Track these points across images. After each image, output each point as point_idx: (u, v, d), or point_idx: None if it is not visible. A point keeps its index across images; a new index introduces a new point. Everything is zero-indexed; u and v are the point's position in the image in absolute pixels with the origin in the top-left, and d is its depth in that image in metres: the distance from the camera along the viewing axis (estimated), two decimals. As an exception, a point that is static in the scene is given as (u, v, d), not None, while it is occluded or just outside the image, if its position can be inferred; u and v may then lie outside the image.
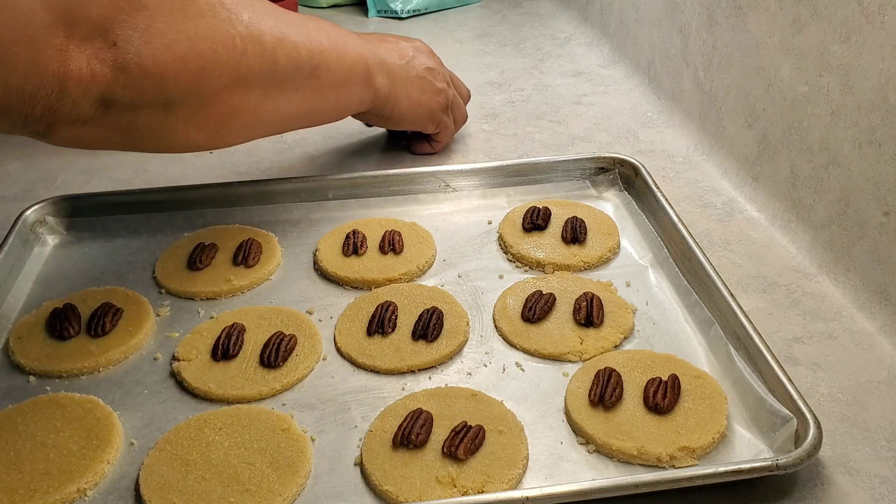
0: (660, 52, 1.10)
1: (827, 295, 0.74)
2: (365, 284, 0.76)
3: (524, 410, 0.62)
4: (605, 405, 0.60)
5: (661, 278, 0.75)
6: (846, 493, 0.55)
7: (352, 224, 0.83)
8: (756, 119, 0.87)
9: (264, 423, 0.60)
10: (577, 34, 1.39)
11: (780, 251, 0.80)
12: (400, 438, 0.58)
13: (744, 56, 0.89)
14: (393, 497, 0.55)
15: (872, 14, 0.69)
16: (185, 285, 0.76)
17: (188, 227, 0.85)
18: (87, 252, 0.82)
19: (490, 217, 0.85)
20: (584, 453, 0.59)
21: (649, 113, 1.09)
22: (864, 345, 0.68)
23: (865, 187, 0.71)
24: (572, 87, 1.19)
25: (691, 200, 0.89)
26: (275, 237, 0.82)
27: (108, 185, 0.93)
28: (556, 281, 0.74)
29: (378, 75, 0.84)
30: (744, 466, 0.54)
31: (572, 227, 0.80)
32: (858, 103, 0.71)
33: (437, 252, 0.80)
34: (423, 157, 1.00)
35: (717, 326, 0.67)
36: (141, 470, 0.57)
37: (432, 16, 1.52)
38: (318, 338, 0.69)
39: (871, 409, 0.62)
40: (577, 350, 0.67)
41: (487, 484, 0.55)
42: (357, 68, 0.80)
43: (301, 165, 0.98)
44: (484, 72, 1.26)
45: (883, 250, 0.69)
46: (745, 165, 0.90)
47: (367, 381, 0.66)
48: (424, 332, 0.68)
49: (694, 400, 0.61)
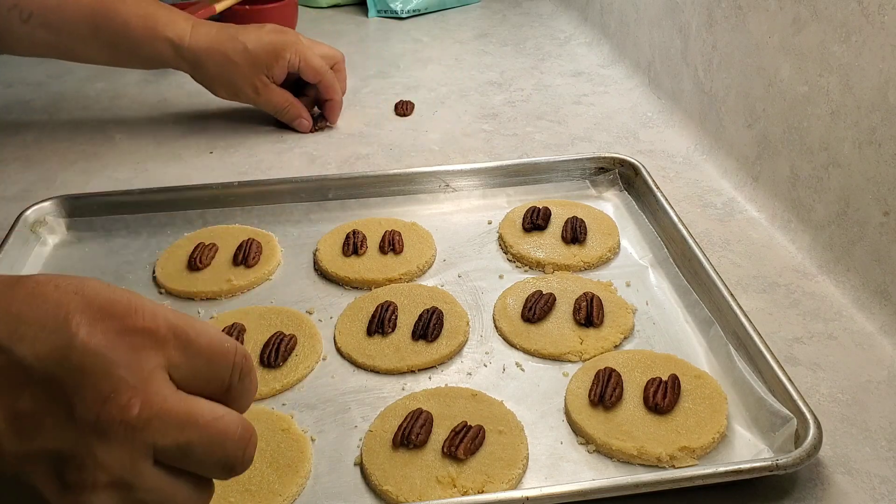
0: (660, 52, 1.10)
1: (827, 295, 0.74)
2: (365, 284, 0.76)
3: (524, 410, 0.62)
4: (605, 405, 0.60)
5: (661, 278, 0.75)
6: (846, 493, 0.55)
7: (352, 224, 0.83)
8: (756, 119, 0.87)
9: (264, 423, 0.60)
10: (577, 34, 1.39)
11: (780, 251, 0.80)
12: (400, 438, 0.58)
13: (744, 56, 0.89)
14: (393, 497, 0.55)
15: (872, 14, 0.69)
16: (185, 285, 0.76)
17: (188, 227, 0.85)
18: (87, 252, 0.82)
19: (490, 217, 0.85)
20: (584, 453, 0.59)
21: (649, 113, 1.09)
22: (864, 345, 0.68)
23: (865, 187, 0.71)
24: (572, 87, 1.19)
25: (691, 200, 0.89)
26: (275, 237, 0.82)
27: (108, 185, 0.93)
28: (556, 281, 0.74)
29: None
30: (744, 466, 0.54)
31: (572, 227, 0.80)
32: (858, 103, 0.71)
33: (437, 252, 0.80)
34: (424, 157, 1.00)
35: (717, 326, 0.67)
36: (141, 470, 0.57)
37: (432, 16, 1.52)
38: (318, 338, 0.69)
39: (871, 409, 0.62)
40: (577, 350, 0.67)
41: (487, 484, 0.55)
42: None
43: (301, 165, 0.98)
44: (484, 72, 1.26)
45: (883, 250, 0.69)
46: (745, 165, 0.90)
47: (367, 381, 0.66)
48: (424, 332, 0.68)
49: (694, 400, 0.61)
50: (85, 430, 0.34)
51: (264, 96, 1.01)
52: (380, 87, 1.20)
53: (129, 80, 1.24)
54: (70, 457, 0.35)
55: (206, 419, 0.38)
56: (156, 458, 0.37)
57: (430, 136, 1.05)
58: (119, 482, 0.36)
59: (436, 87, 1.20)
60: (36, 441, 0.34)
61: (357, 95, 1.17)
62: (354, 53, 1.33)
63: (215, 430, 0.38)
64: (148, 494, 0.37)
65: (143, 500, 0.37)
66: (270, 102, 1.02)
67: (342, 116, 1.10)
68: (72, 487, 0.35)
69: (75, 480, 0.35)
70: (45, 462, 0.35)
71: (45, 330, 0.35)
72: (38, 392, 0.34)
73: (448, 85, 1.21)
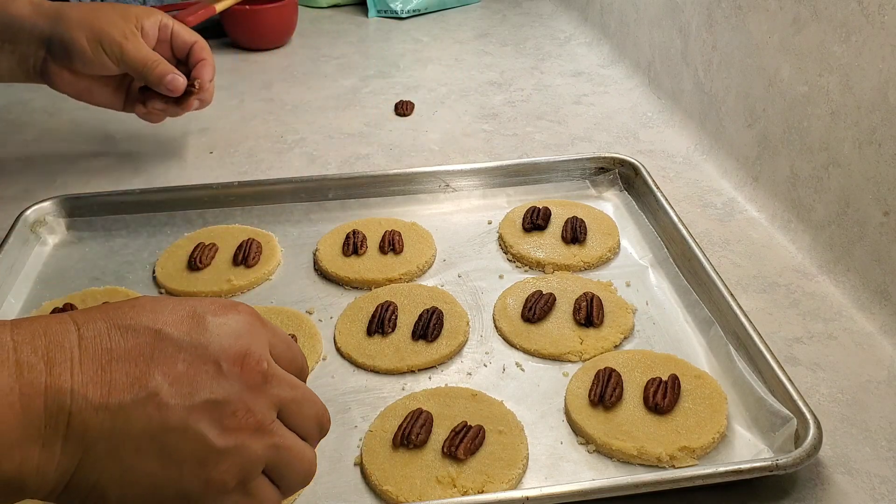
0: (660, 52, 1.10)
1: (827, 295, 0.74)
2: (365, 284, 0.76)
3: (524, 410, 0.62)
4: (605, 405, 0.60)
5: (661, 278, 0.75)
6: (846, 493, 0.55)
7: (352, 224, 0.83)
8: (756, 119, 0.87)
9: (264, 423, 0.60)
10: (577, 34, 1.39)
11: (780, 251, 0.80)
12: (400, 438, 0.58)
13: (744, 56, 0.89)
14: (393, 497, 0.55)
15: (872, 14, 0.69)
16: (185, 285, 0.76)
17: (188, 227, 0.85)
18: (87, 252, 0.82)
19: (490, 217, 0.85)
20: (584, 453, 0.59)
21: (649, 113, 1.09)
22: (864, 345, 0.68)
23: (865, 187, 0.71)
24: (572, 87, 1.19)
25: (691, 200, 0.89)
26: (275, 237, 0.82)
27: (108, 185, 0.93)
28: (556, 281, 0.74)
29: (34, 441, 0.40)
30: (744, 466, 0.54)
31: (572, 227, 0.80)
32: (858, 103, 0.71)
33: (437, 252, 0.80)
34: (424, 157, 1.00)
35: (717, 326, 0.67)
36: (141, 470, 0.57)
37: (432, 16, 1.52)
38: (318, 338, 0.69)
39: (871, 409, 0.62)
40: (577, 350, 0.67)
41: (487, 484, 0.55)
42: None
43: (301, 165, 0.98)
44: (484, 72, 1.26)
45: (883, 250, 0.69)
46: (745, 165, 0.90)
47: (367, 381, 0.66)
48: (424, 332, 0.68)
49: (694, 400, 0.61)
50: (234, 382, 0.42)
51: (132, 43, 0.87)
52: (380, 87, 1.20)
53: (129, 80, 1.24)
54: (225, 403, 0.42)
55: (302, 384, 0.46)
56: (278, 414, 0.44)
57: (430, 136, 1.05)
58: (262, 427, 0.43)
59: (436, 87, 1.20)
60: (196, 395, 0.41)
61: (357, 95, 1.17)
62: (354, 53, 1.34)
63: (309, 392, 0.46)
64: (281, 441, 0.43)
65: (277, 445, 0.43)
66: (139, 53, 0.87)
67: (342, 116, 1.10)
68: (230, 430, 0.41)
69: (231, 424, 0.42)
70: (206, 411, 0.41)
71: (178, 311, 0.43)
72: (189, 357, 0.42)
73: (448, 85, 1.21)
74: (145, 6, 0.92)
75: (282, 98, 1.17)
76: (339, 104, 1.15)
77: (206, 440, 0.41)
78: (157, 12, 0.91)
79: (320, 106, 1.14)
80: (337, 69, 1.27)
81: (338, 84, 1.22)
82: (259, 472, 0.43)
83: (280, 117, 1.11)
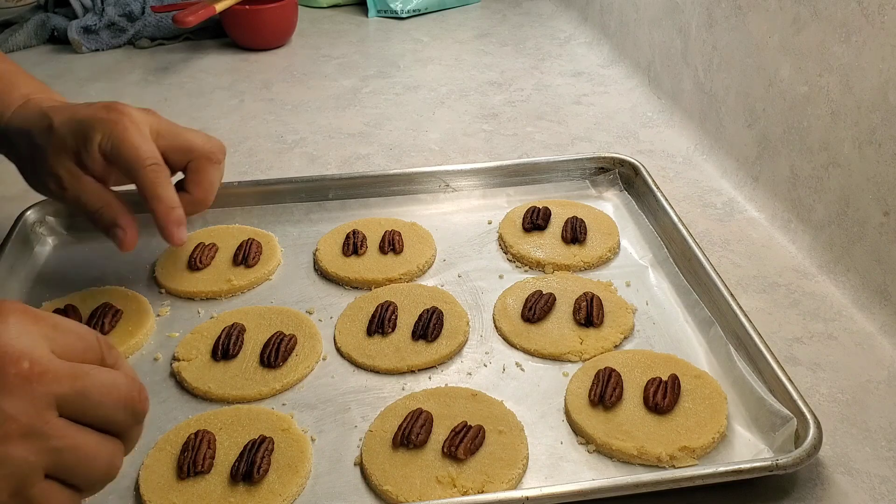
0: (660, 52, 1.10)
1: (827, 295, 0.74)
2: (365, 284, 0.76)
3: (524, 410, 0.62)
4: (605, 405, 0.60)
5: (661, 278, 0.75)
6: (846, 493, 0.55)
7: (352, 224, 0.83)
8: (756, 119, 0.87)
9: (264, 423, 0.60)
10: (577, 34, 1.39)
11: (780, 251, 0.80)
12: (400, 438, 0.58)
13: (744, 56, 0.89)
14: (393, 497, 0.55)
15: (872, 14, 0.69)
16: (185, 285, 0.76)
17: (188, 226, 0.84)
18: (87, 252, 0.82)
19: (490, 217, 0.85)
20: (584, 453, 0.59)
21: (649, 113, 1.09)
22: (864, 345, 0.68)
23: (865, 187, 0.71)
24: (572, 87, 1.19)
25: (691, 200, 0.89)
26: (275, 237, 0.82)
27: (108, 185, 0.93)
28: (556, 281, 0.74)
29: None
30: (744, 466, 0.54)
31: (572, 227, 0.80)
32: (858, 103, 0.71)
33: (437, 252, 0.80)
34: (424, 157, 1.00)
35: (717, 326, 0.67)
36: (141, 470, 0.57)
37: (432, 16, 1.52)
38: (318, 338, 0.69)
39: (871, 409, 0.62)
40: (577, 350, 0.67)
41: (487, 484, 0.55)
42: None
43: (301, 165, 0.98)
44: (484, 72, 1.26)
45: (883, 250, 0.69)
46: (745, 165, 0.90)
47: (367, 381, 0.66)
48: (424, 332, 0.68)
49: (694, 400, 0.61)
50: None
51: (71, 191, 0.69)
52: (380, 87, 1.20)
53: (130, 80, 1.24)
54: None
55: (94, 369, 0.43)
56: (60, 412, 0.41)
57: (430, 136, 1.05)
58: (30, 431, 0.40)
59: (436, 87, 1.20)
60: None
61: (357, 95, 1.17)
62: (354, 53, 1.34)
63: (106, 376, 0.43)
64: (60, 442, 0.41)
65: (56, 448, 0.41)
66: (78, 200, 0.70)
67: (342, 116, 1.10)
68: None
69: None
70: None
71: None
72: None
73: (448, 85, 1.21)
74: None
75: (282, 98, 1.17)
76: (339, 104, 1.15)
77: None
78: (92, 133, 0.68)
79: (320, 106, 1.14)
80: (337, 69, 1.27)
81: (338, 84, 1.22)
82: (39, 479, 0.41)
83: (280, 117, 1.11)
